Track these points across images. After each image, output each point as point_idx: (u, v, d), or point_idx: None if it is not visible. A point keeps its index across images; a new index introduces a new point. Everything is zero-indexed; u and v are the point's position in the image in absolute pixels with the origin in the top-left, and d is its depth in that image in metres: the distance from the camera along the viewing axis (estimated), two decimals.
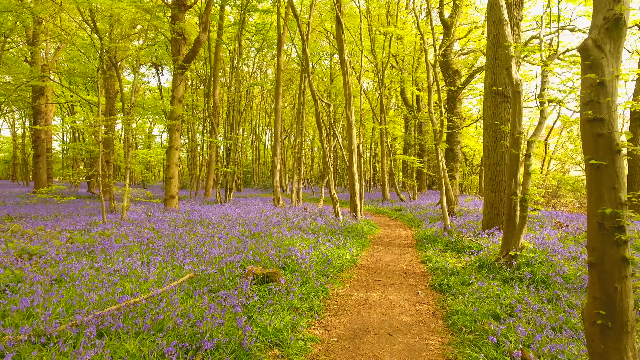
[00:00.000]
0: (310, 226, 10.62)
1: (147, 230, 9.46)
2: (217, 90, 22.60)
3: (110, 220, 11.69)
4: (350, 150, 12.19)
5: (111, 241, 7.86)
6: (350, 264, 7.26)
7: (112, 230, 9.17)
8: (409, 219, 14.26)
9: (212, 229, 9.86)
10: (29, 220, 12.26)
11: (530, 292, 4.98)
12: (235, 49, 20.83)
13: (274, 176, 17.14)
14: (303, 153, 17.91)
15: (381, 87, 19.98)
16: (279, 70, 17.36)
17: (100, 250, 7.04)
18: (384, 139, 22.52)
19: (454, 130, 15.57)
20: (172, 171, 15.33)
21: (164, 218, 12.35)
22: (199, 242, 7.85)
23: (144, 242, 7.78)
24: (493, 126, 8.99)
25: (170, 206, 15.18)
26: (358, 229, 10.77)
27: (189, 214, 13.69)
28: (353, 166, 12.12)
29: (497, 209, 8.72)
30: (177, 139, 15.59)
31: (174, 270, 5.95)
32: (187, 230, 9.75)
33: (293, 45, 17.36)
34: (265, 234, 8.93)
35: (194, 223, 11.39)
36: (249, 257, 6.24)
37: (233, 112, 21.18)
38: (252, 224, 10.92)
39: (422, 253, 8.35)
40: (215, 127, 21.13)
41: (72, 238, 7.77)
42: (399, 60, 23.03)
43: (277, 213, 14.06)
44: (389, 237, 10.90)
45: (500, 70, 8.99)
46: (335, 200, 12.04)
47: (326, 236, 9.22)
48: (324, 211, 14.46)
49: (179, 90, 15.33)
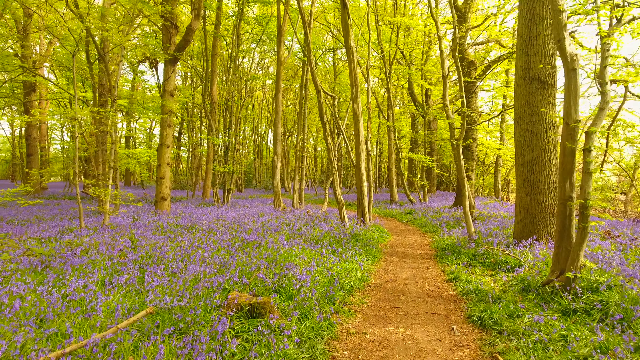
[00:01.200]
0: (312, 233, 9.32)
1: (125, 238, 8.21)
2: (215, 86, 21.37)
3: (90, 225, 10.46)
4: (357, 148, 10.90)
5: (75, 253, 6.61)
6: (361, 283, 5.96)
7: (84, 239, 7.92)
8: (421, 223, 12.94)
9: (200, 236, 8.59)
10: (3, 224, 11.08)
11: (611, 332, 3.66)
12: (233, 41, 19.59)
13: (275, 176, 15.87)
14: (306, 152, 16.64)
15: (388, 81, 18.66)
16: (279, 63, 16.09)
17: (56, 266, 5.79)
18: (391, 136, 21.19)
19: (471, 126, 14.22)
20: (163, 171, 14.08)
21: (150, 223, 11.10)
22: (179, 254, 6.57)
23: (114, 255, 6.51)
24: (527, 117, 7.67)
25: (162, 209, 13.93)
26: (367, 236, 9.47)
27: (180, 218, 12.44)
28: (361, 165, 10.82)
29: (532, 215, 7.40)
30: (169, 136, 14.33)
31: (138, 295, 4.68)
32: (172, 239, 8.49)
33: (294, 34, 16.09)
34: (260, 243, 7.65)
35: (182, 229, 10.13)
36: (234, 278, 4.95)
37: (231, 108, 19.92)
38: (247, 230, 9.64)
39: (446, 268, 7.03)
40: (212, 125, 19.90)
41: (29, 250, 6.53)
42: (407, 54, 21.71)
43: (277, 217, 12.78)
44: (402, 245, 9.58)
45: (536, 51, 7.66)
46: (340, 203, 10.74)
47: (331, 246, 7.93)
48: (328, 215, 13.16)
49: (170, 83, 14.08)
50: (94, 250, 6.88)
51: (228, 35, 21.48)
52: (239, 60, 24.64)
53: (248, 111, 41.83)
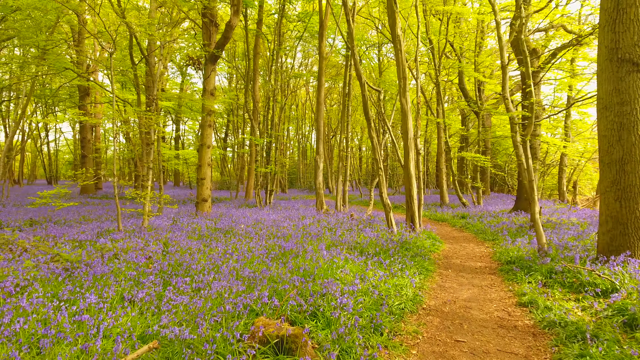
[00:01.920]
0: (357, 240, 8.47)
1: (158, 243, 7.80)
2: (257, 86, 21.06)
3: (129, 227, 10.26)
4: (405, 146, 9.90)
5: (104, 259, 6.21)
6: (413, 305, 5.04)
7: (117, 244, 7.60)
8: (477, 229, 11.68)
9: (235, 242, 8.02)
10: (50, 225, 11.21)
11: None
12: (275, 39, 19.15)
13: (317, 177, 15.16)
14: (350, 152, 15.79)
15: (438, 75, 17.37)
16: (322, 58, 15.36)
17: (78, 275, 5.38)
18: (441, 134, 19.82)
19: (536, 121, 12.68)
20: (204, 171, 13.80)
21: (188, 225, 10.76)
22: (209, 264, 5.98)
23: (141, 264, 6.04)
24: (615, 107, 6.36)
25: (202, 210, 13.66)
26: (418, 244, 8.47)
27: (219, 220, 12.04)
28: (409, 165, 9.81)
29: (624, 226, 6.09)
30: (209, 136, 14.05)
31: (153, 316, 4.08)
32: (206, 244, 7.98)
33: (337, 29, 15.30)
34: (298, 253, 6.92)
35: (219, 233, 9.64)
36: (263, 299, 4.23)
37: (273, 108, 19.49)
38: (286, 236, 8.96)
39: (515, 287, 5.92)
40: (254, 125, 19.57)
41: (58, 255, 6.21)
42: (457, 47, 20.22)
43: (319, 220, 12.05)
44: (458, 256, 8.49)
45: (627, 27, 6.33)
46: (387, 206, 9.80)
47: (377, 257, 7.05)
48: (373, 219, 12.23)
49: (210, 82, 13.78)
50: (123, 256, 6.47)
51: (270, 32, 21.10)
52: (282, 60, 24.26)
53: (292, 111, 41.65)
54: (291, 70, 23.76)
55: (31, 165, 55.53)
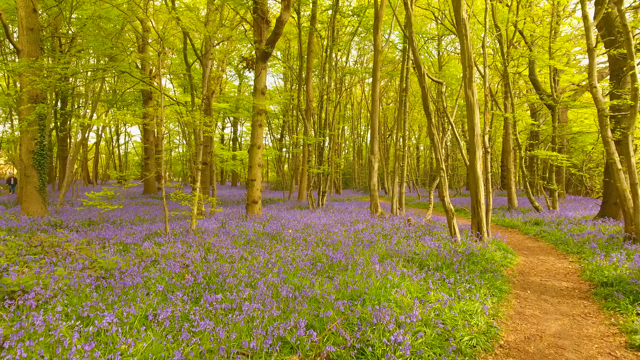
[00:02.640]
0: (414, 250, 7.50)
1: (200, 249, 7.39)
2: (311, 84, 20.55)
3: (177, 230, 10.09)
4: (471, 144, 8.72)
5: (139, 268, 5.85)
6: (487, 342, 4.04)
7: (158, 249, 7.30)
8: (556, 239, 10.13)
9: (280, 250, 7.40)
10: (107, 226, 11.39)
11: None
12: (328, 34, 18.50)
13: (371, 178, 14.25)
14: (407, 151, 14.70)
15: (506, 66, 15.66)
16: (377, 52, 14.41)
17: (109, 285, 5.01)
18: (509, 130, 18.02)
19: (626, 114, 10.80)
20: (254, 173, 13.46)
21: (236, 229, 10.38)
22: (245, 277, 5.39)
23: (175, 275, 5.58)
24: None
25: (252, 213, 13.33)
26: (487, 257, 7.32)
27: (268, 223, 11.59)
28: (476, 165, 8.62)
29: None
30: (260, 136, 13.68)
31: (171, 343, 3.50)
32: (249, 251, 7.45)
33: (394, 19, 14.26)
34: (347, 265, 6.13)
35: (265, 238, 9.12)
36: (299, 331, 3.49)
37: (327, 106, 18.84)
38: (335, 243, 8.21)
39: (619, 319, 4.68)
40: (307, 124, 19.07)
41: (96, 261, 5.94)
42: (527, 34, 18.23)
43: (373, 225, 11.16)
44: (537, 272, 7.21)
45: None
46: (450, 212, 8.69)
47: (439, 272, 6.06)
48: (433, 225, 11.11)
49: (260, 80, 13.41)
50: (160, 264, 6.08)
51: (323, 27, 20.46)
52: (336, 58, 23.54)
53: (347, 110, 40.86)
54: (345, 66, 22.96)
55: (105, 167, 59.92)
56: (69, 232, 10.11)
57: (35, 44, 13.08)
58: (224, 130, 52.94)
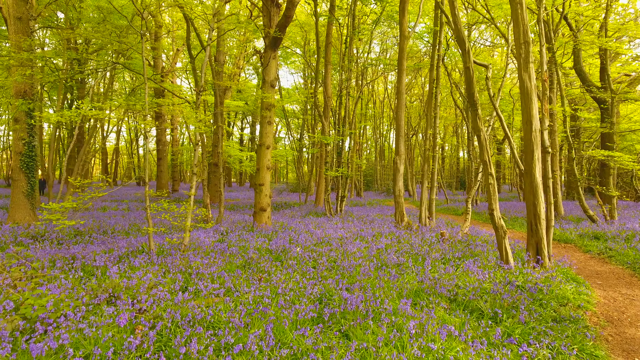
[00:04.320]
0: (457, 283, 5.65)
1: (177, 276, 5.78)
2: (329, 79, 18.82)
3: (165, 246, 8.54)
4: (527, 142, 6.79)
5: (75, 315, 4.23)
6: None
7: (120, 279, 5.73)
8: (632, 260, 8.06)
9: (280, 279, 5.70)
10: (95, 236, 10.00)
11: None
12: (348, 22, 16.73)
13: (396, 182, 12.39)
14: (437, 151, 12.83)
15: (554, 52, 13.48)
16: (403, 38, 12.56)
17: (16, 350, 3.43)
18: (555, 128, 15.77)
19: None
20: (263, 176, 11.82)
21: (236, 244, 8.77)
22: (226, 330, 3.71)
23: (122, 326, 3.95)
24: None
25: (260, 222, 11.69)
26: (554, 292, 5.42)
27: (276, 236, 9.93)
28: (534, 169, 6.69)
29: None
30: (269, 135, 12.04)
31: None
32: (242, 279, 5.80)
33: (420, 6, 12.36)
34: (367, 313, 4.37)
35: (268, 257, 7.44)
36: None
37: (346, 102, 17.06)
38: (353, 269, 6.44)
39: None
40: (324, 122, 17.36)
41: (25, 303, 4.38)
42: (572, 21, 15.96)
43: (399, 240, 9.34)
44: (631, 318, 5.23)
45: None
46: (501, 229, 6.79)
47: (493, 320, 4.24)
48: (474, 241, 9.17)
49: (269, 71, 11.76)
50: (107, 310, 4.44)
51: (342, 15, 18.70)
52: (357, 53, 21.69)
53: (368, 109, 38.89)
54: (367, 58, 21.10)
55: (126, 168, 59.87)
56: (47, 245, 8.74)
57: (24, 33, 11.86)
58: (244, 130, 51.84)
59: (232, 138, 45.78)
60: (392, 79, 42.51)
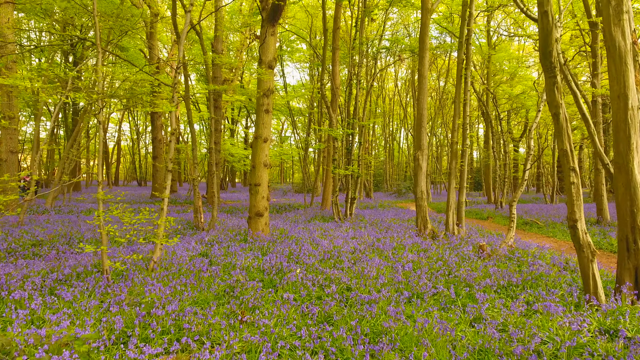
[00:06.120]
0: (527, 336, 3.69)
1: (119, 319, 3.89)
2: (337, 69, 16.93)
3: (129, 262, 6.68)
4: (621, 123, 4.81)
5: None
6: None
7: (53, 313, 3.85)
8: None
9: (274, 317, 3.78)
10: (57, 246, 8.22)
11: None
12: (359, 2, 14.79)
13: (418, 182, 10.42)
14: (462, 145, 10.78)
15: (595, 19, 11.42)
16: (425, 11, 10.59)
17: None
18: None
19: None
20: (259, 175, 9.89)
21: (220, 258, 6.88)
22: None
23: None
24: None
25: (256, 229, 9.74)
26: None
27: (272, 248, 8.00)
28: (631, 163, 4.71)
29: None
30: (267, 125, 10.10)
31: None
32: (220, 318, 3.89)
33: None
34: None
35: (258, 282, 5.52)
36: None
37: (356, 92, 15.09)
38: (375, 305, 4.49)
39: None
40: (332, 114, 15.44)
41: None
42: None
43: (428, 255, 7.36)
44: None
45: None
46: (588, 249, 4.79)
47: None
48: (526, 256, 7.14)
49: (267, 50, 9.83)
50: None
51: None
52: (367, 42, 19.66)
53: (378, 106, 36.79)
54: (380, 42, 19.11)
55: (128, 168, 58.47)
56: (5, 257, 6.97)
57: None
58: (249, 129, 49.95)
59: (237, 137, 43.90)
60: (402, 75, 40.42)
